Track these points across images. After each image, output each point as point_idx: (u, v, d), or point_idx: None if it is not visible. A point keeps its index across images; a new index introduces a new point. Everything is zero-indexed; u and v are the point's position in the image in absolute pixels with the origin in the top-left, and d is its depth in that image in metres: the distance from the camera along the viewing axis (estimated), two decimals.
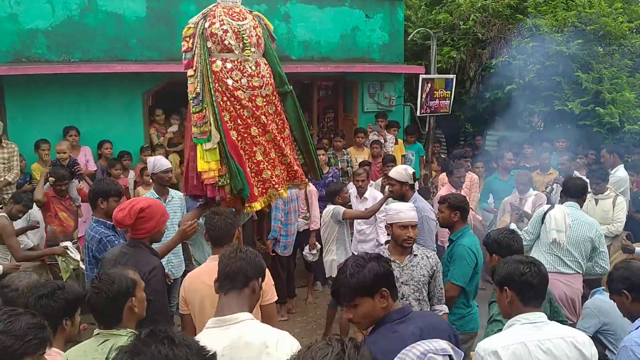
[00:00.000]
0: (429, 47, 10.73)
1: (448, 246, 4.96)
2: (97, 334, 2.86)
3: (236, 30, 4.64)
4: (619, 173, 7.63)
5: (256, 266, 2.83)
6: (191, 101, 4.56)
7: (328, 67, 9.85)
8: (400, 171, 5.64)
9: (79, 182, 6.89)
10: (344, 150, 9.41)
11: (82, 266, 5.59)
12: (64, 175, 6.50)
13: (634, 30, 9.58)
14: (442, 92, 10.18)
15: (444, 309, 4.34)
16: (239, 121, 4.69)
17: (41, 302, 2.93)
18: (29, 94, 8.29)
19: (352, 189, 7.40)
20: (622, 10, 9.69)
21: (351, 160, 9.31)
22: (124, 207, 3.82)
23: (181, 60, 4.73)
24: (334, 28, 10.20)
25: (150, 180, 7.84)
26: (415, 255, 4.24)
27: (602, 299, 4.74)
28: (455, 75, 10.55)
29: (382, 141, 9.59)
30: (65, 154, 7.07)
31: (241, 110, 4.67)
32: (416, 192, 5.76)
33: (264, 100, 4.78)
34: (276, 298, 3.65)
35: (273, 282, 3.65)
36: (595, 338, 4.29)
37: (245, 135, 4.71)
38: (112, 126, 8.71)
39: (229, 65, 4.62)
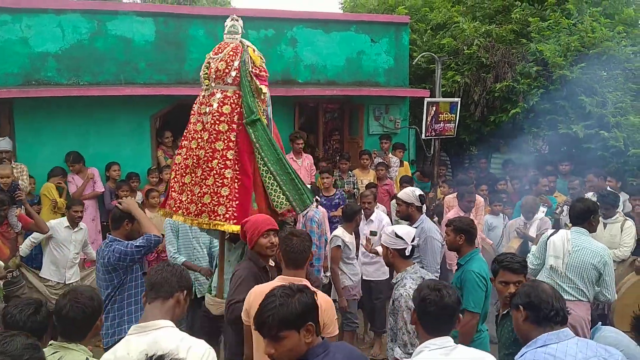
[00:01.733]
0: (434, 71, 10.83)
1: (456, 270, 4.94)
2: (51, 344, 2.97)
3: (207, 62, 4.86)
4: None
5: (182, 279, 2.92)
6: None
7: (334, 90, 9.96)
8: (408, 192, 5.85)
9: (17, 208, 6.46)
10: (349, 172, 9.45)
11: None
12: (3, 201, 6.13)
13: (638, 54, 9.63)
14: (447, 115, 10.24)
15: (397, 353, 4.09)
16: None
17: (32, 319, 3.09)
18: (38, 116, 8.39)
19: None
20: (625, 34, 9.77)
21: (357, 182, 9.35)
22: None
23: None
24: (340, 52, 10.33)
25: (156, 202, 7.94)
26: (394, 282, 4.25)
27: (605, 335, 4.75)
28: (460, 99, 10.63)
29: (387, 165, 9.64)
30: (9, 178, 6.75)
31: (187, 133, 4.92)
32: (424, 214, 5.83)
33: (203, 127, 4.78)
34: (337, 332, 3.56)
35: (336, 316, 3.60)
36: None
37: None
38: (121, 148, 8.80)
39: (201, 94, 4.91)
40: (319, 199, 8.16)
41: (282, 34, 9.89)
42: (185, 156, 4.87)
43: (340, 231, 6.59)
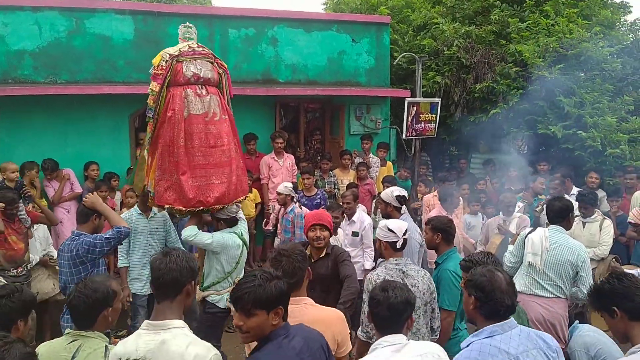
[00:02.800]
0: (414, 71, 10.87)
1: (435, 269, 4.97)
2: (68, 333, 3.09)
3: None
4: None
5: (189, 271, 2.91)
6: None
7: (315, 90, 9.94)
8: (387, 192, 6.00)
9: (26, 205, 6.58)
10: (330, 172, 9.45)
11: None
12: (14, 199, 6.26)
13: (615, 55, 9.77)
14: (427, 115, 10.29)
15: (359, 332, 4.23)
16: None
17: (0, 303, 3.14)
18: (15, 115, 8.26)
19: None
20: (602, 35, 9.90)
21: (337, 182, 9.35)
22: None
23: None
24: (321, 52, 10.32)
25: (133, 202, 7.84)
26: None
27: (582, 334, 4.82)
28: (440, 99, 10.68)
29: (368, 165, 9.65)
30: (17, 174, 6.95)
31: None
32: (406, 213, 5.90)
33: None
34: (350, 347, 3.54)
35: (349, 332, 3.57)
36: None
37: None
38: (99, 147, 8.69)
39: None
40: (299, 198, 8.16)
41: (263, 33, 9.85)
42: None
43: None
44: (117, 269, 7.84)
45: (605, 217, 7.07)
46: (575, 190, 8.12)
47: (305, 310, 3.34)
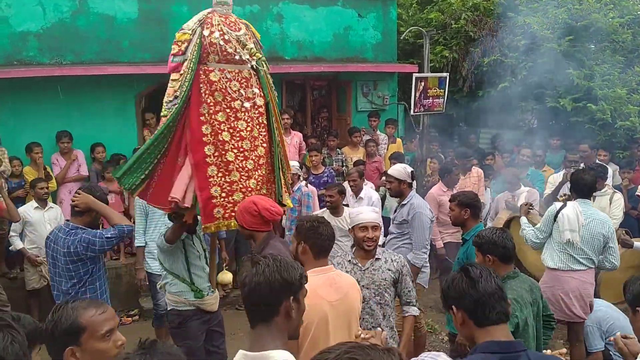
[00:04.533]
0: (422, 45, 10.73)
1: (462, 246, 4.95)
2: None
3: (238, 40, 4.42)
4: None
5: (280, 284, 2.26)
6: (165, 104, 4.24)
7: (321, 66, 9.85)
8: (399, 169, 5.78)
9: None
10: (338, 150, 9.39)
11: None
12: None
13: (625, 26, 9.60)
14: (435, 90, 10.16)
15: (412, 310, 4.19)
16: (225, 134, 4.24)
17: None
18: (20, 97, 8.23)
19: (348, 188, 7.45)
20: (612, 5, 9.73)
21: (346, 159, 9.30)
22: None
23: None
24: (326, 28, 10.20)
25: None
26: (377, 259, 4.14)
27: (595, 309, 4.82)
28: (448, 74, 10.56)
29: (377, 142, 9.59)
30: None
31: (236, 122, 4.30)
32: (414, 189, 5.83)
33: (257, 112, 4.45)
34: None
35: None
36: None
37: (227, 150, 4.22)
38: (105, 129, 8.66)
39: (228, 75, 4.35)
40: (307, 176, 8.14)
41: (268, 9, 9.74)
42: (248, 148, 4.33)
43: (327, 213, 6.46)
44: (129, 249, 7.89)
45: (616, 190, 7.01)
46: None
47: (341, 277, 3.43)
